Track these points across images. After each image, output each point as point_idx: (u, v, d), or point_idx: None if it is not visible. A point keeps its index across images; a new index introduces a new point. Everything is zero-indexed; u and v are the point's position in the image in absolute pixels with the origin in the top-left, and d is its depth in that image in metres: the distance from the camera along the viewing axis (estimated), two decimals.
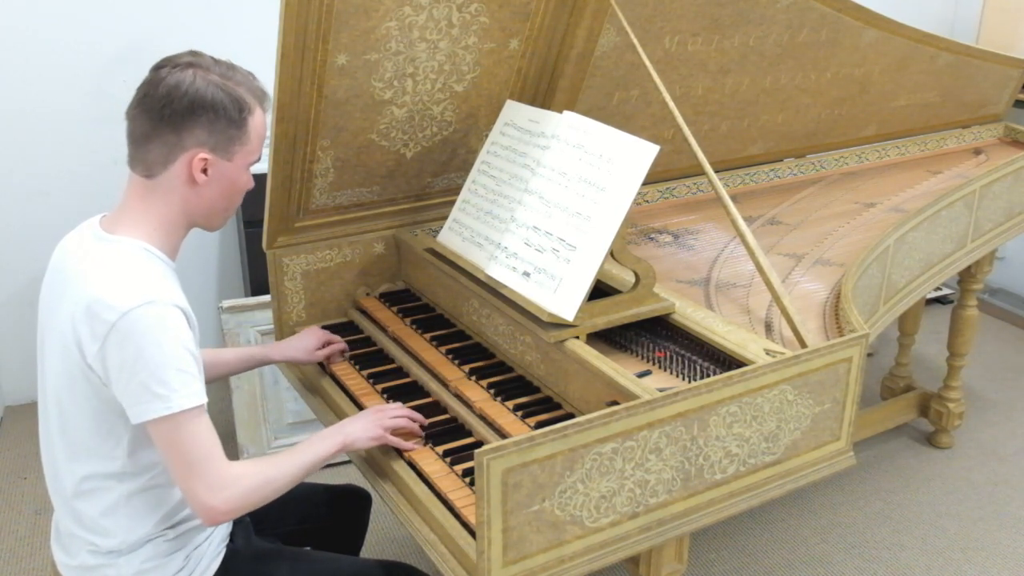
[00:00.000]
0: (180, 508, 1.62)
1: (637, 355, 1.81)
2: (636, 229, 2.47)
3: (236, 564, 1.70)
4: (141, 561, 1.58)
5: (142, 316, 1.41)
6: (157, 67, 1.53)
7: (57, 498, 1.62)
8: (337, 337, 2.08)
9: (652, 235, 2.44)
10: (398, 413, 1.75)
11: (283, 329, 2.20)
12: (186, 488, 1.48)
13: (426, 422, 1.78)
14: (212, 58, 1.56)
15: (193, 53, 1.56)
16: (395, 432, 1.72)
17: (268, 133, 1.92)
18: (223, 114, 1.51)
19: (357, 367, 2.02)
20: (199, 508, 1.48)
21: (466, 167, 2.17)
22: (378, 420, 1.71)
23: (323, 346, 2.04)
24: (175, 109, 1.49)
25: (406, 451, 1.72)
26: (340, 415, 1.90)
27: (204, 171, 1.53)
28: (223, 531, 1.72)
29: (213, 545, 1.68)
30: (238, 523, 1.77)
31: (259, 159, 1.62)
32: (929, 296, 4.12)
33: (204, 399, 1.48)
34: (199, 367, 1.50)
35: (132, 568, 1.58)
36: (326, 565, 1.76)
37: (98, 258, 1.51)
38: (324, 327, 2.19)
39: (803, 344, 1.72)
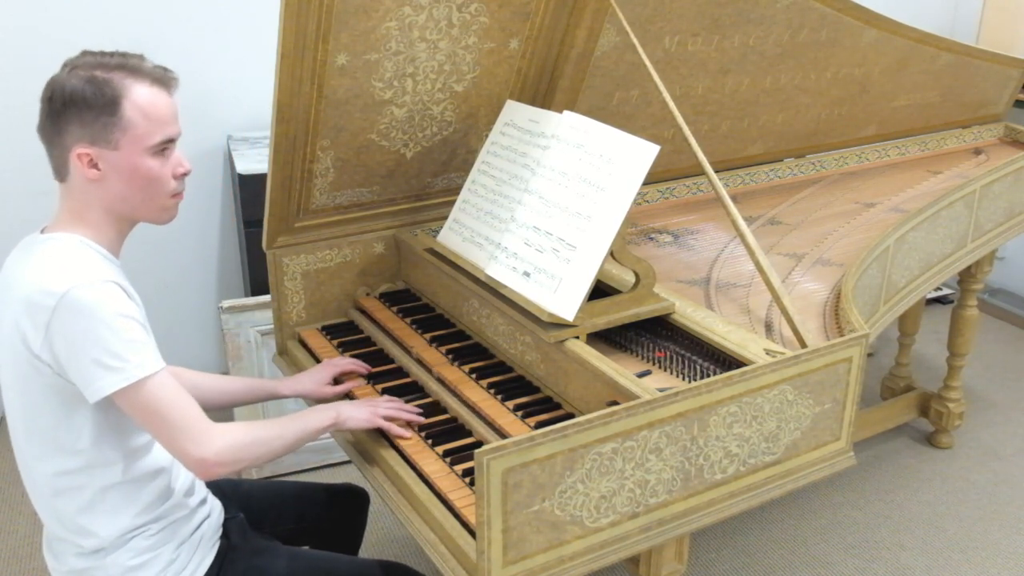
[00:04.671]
0: (159, 501, 1.62)
1: (637, 355, 1.81)
2: (636, 229, 2.47)
3: (233, 557, 1.70)
4: (128, 558, 1.58)
5: (80, 296, 1.41)
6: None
7: (37, 501, 1.62)
8: (353, 365, 1.98)
9: (652, 235, 2.44)
10: (392, 405, 1.79)
11: (283, 329, 2.20)
12: (174, 449, 1.49)
13: (422, 418, 1.79)
14: (101, 52, 1.53)
15: (82, 53, 1.53)
16: (387, 420, 1.76)
17: (269, 133, 1.93)
18: (86, 105, 1.47)
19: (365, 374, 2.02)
20: (190, 463, 1.49)
21: (466, 167, 2.17)
22: (372, 408, 1.75)
23: (334, 381, 1.96)
24: (49, 112, 1.50)
25: (396, 437, 1.74)
26: None
27: (95, 166, 1.51)
28: (214, 524, 1.73)
29: (205, 538, 1.68)
30: (231, 519, 1.77)
31: (167, 138, 1.54)
32: (929, 296, 4.13)
33: (160, 364, 1.47)
34: (149, 335, 1.50)
35: (120, 567, 1.58)
36: (324, 562, 1.77)
37: (34, 256, 1.52)
38: (324, 327, 2.20)
39: (803, 344, 1.72)
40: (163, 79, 1.55)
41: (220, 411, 1.89)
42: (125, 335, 1.44)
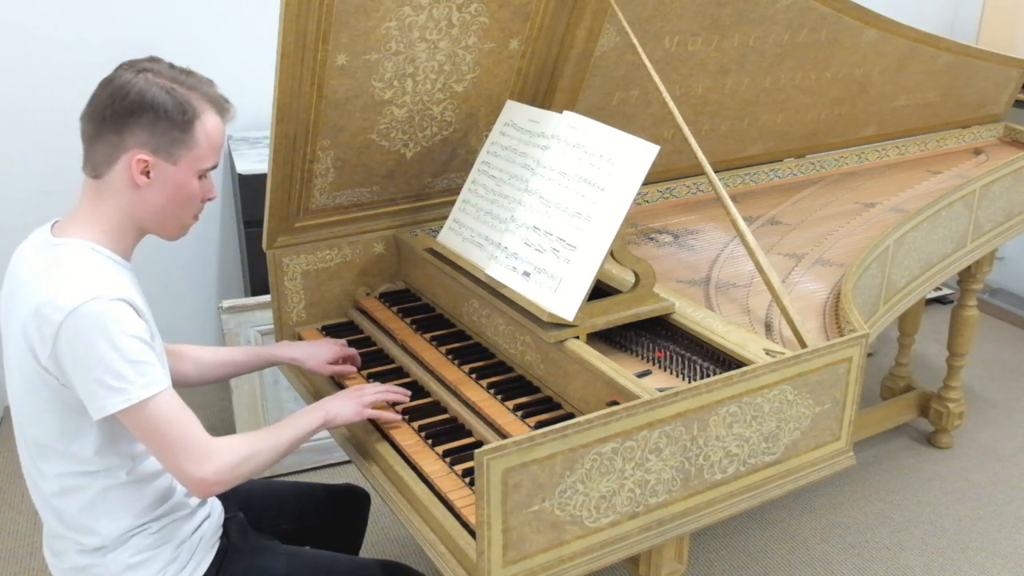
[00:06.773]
0: (160, 501, 1.63)
1: (637, 355, 1.81)
2: (636, 229, 2.47)
3: (232, 557, 1.70)
4: (129, 555, 1.59)
5: (87, 313, 1.41)
6: (114, 71, 1.53)
7: (38, 500, 1.63)
8: (355, 352, 2.02)
9: (652, 235, 2.44)
10: (377, 390, 1.80)
11: (283, 329, 2.20)
12: (173, 467, 1.49)
13: (408, 396, 1.82)
14: (170, 64, 1.55)
15: (152, 59, 1.54)
16: (374, 407, 1.77)
17: (269, 133, 1.93)
18: (164, 116, 1.49)
19: (357, 367, 2.02)
20: (189, 482, 1.50)
21: (466, 167, 2.17)
22: (357, 398, 1.75)
23: (336, 362, 1.98)
24: (116, 110, 1.49)
25: (386, 424, 1.76)
26: None
27: (146, 173, 1.51)
28: (214, 524, 1.73)
29: (205, 538, 1.69)
30: (231, 518, 1.77)
31: (215, 165, 1.59)
32: (929, 296, 4.13)
33: (164, 384, 1.48)
34: (156, 354, 1.50)
35: (121, 564, 1.58)
36: (324, 562, 1.77)
37: (46, 261, 1.51)
38: (324, 327, 2.20)
39: (803, 344, 1.72)
40: (226, 109, 1.58)
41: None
42: (130, 355, 1.44)
